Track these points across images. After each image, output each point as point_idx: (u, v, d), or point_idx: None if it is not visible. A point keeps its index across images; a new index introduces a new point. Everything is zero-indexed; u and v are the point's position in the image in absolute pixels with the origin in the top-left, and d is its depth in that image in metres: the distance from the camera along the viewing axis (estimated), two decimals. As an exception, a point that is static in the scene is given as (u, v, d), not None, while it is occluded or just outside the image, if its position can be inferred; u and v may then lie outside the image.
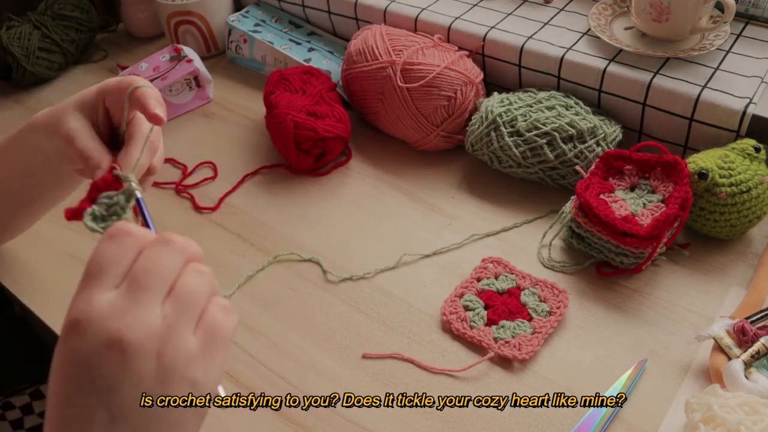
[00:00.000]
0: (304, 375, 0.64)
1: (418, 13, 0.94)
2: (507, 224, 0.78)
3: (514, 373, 0.63)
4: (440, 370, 0.63)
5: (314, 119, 0.83)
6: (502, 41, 0.87)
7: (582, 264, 0.72)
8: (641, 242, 0.66)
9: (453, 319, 0.67)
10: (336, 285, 0.72)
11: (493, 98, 0.82)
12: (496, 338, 0.65)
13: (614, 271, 0.70)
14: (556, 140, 0.76)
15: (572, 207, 0.71)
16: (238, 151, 0.92)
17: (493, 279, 0.71)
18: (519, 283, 0.70)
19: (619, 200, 0.71)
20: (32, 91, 1.08)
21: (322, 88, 0.88)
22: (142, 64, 1.00)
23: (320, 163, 0.87)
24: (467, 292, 0.69)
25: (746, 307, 0.64)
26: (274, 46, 1.03)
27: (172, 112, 1.00)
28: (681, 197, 0.66)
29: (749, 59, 0.80)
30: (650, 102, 0.78)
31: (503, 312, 0.67)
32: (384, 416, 0.60)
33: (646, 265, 0.69)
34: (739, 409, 0.51)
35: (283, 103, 0.84)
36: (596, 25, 0.86)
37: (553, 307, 0.67)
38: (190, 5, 1.06)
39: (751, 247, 0.73)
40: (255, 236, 0.79)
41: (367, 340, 0.66)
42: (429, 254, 0.75)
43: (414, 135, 0.86)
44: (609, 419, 0.58)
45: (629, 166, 0.73)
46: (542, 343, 0.64)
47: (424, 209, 0.81)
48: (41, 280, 0.75)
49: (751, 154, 0.69)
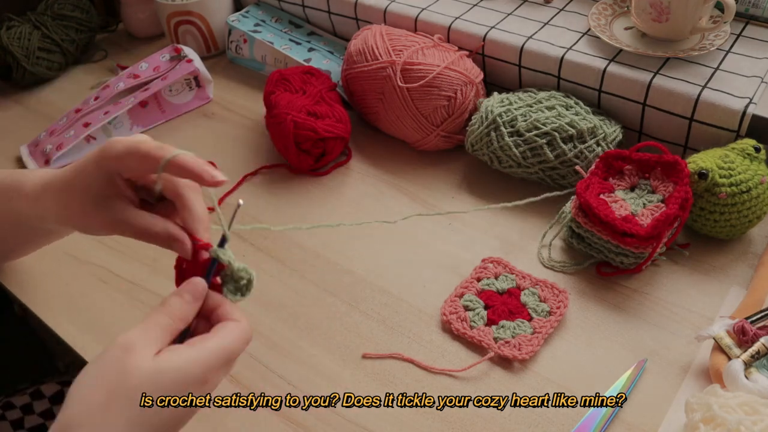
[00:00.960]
0: (304, 375, 0.64)
1: (418, 13, 0.94)
2: (507, 224, 0.78)
3: (514, 373, 0.63)
4: (440, 370, 0.63)
5: (314, 119, 0.83)
6: (502, 41, 0.87)
7: (582, 264, 0.72)
8: (641, 242, 0.66)
9: (453, 319, 0.67)
10: (336, 285, 0.72)
11: (493, 98, 0.82)
12: (496, 338, 0.65)
13: (614, 271, 0.70)
14: (556, 140, 0.76)
15: (572, 207, 0.71)
16: (238, 151, 0.92)
17: (493, 279, 0.71)
18: (519, 283, 0.70)
19: (619, 200, 0.71)
20: (32, 91, 1.08)
21: (322, 88, 0.88)
22: (142, 64, 1.00)
23: (320, 163, 0.87)
24: (467, 292, 0.69)
25: (746, 307, 0.64)
26: (274, 46, 1.03)
27: (171, 112, 1.00)
28: (681, 197, 0.66)
29: (749, 59, 0.80)
30: (650, 102, 0.78)
31: (503, 312, 0.67)
32: (384, 416, 0.60)
33: (646, 265, 0.69)
34: (739, 409, 0.51)
35: (283, 103, 0.84)
36: (596, 25, 0.86)
37: (553, 307, 0.67)
38: (190, 5, 1.06)
39: (751, 247, 0.73)
40: (255, 236, 0.79)
41: (367, 340, 0.66)
42: (429, 254, 0.75)
43: (414, 135, 0.86)
44: (609, 419, 0.58)
45: (629, 166, 0.73)
46: (542, 343, 0.64)
47: (424, 209, 0.81)
48: (41, 280, 0.75)
49: (751, 154, 0.69)
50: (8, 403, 0.84)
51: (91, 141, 0.93)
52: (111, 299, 0.72)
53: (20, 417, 0.83)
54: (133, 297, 0.72)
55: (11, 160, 0.94)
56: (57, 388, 0.86)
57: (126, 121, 0.96)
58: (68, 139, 0.91)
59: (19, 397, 0.85)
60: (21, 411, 0.84)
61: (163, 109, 0.99)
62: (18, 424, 0.82)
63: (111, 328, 0.69)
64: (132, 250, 0.77)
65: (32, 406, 0.84)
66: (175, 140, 0.95)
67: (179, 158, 0.49)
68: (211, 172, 0.49)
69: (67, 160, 0.92)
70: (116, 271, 0.75)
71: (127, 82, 0.98)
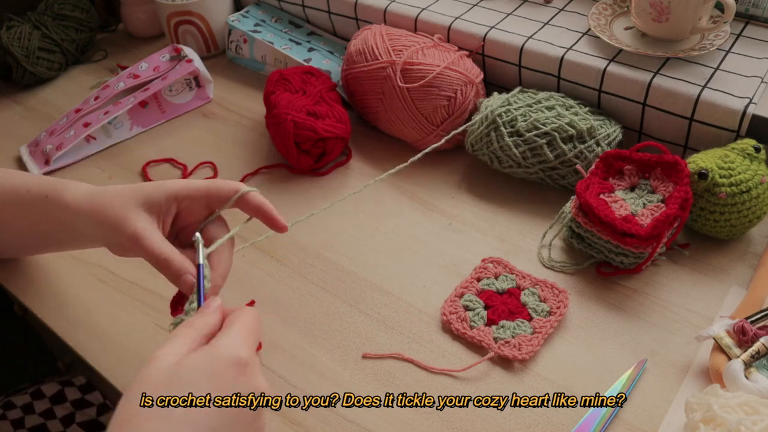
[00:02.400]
0: (304, 375, 0.64)
1: (418, 13, 0.94)
2: (507, 224, 0.78)
3: (514, 373, 0.63)
4: (440, 370, 0.63)
5: (314, 119, 0.83)
6: (502, 41, 0.87)
7: (582, 264, 0.72)
8: (641, 242, 0.66)
9: (453, 319, 0.67)
10: (336, 285, 0.72)
11: (493, 98, 0.82)
12: (496, 338, 0.65)
13: (614, 271, 0.70)
14: (556, 140, 0.76)
15: (572, 207, 0.71)
16: (238, 151, 0.92)
17: (493, 279, 0.71)
18: (519, 283, 0.70)
19: (619, 200, 0.71)
20: (32, 91, 1.08)
21: (322, 88, 0.88)
22: (142, 64, 1.00)
23: (320, 163, 0.87)
24: (467, 292, 0.69)
25: (746, 307, 0.64)
26: (274, 46, 1.03)
27: (172, 112, 1.00)
28: (681, 197, 0.66)
29: (749, 59, 0.80)
30: (650, 102, 0.78)
31: (503, 312, 0.67)
32: (384, 416, 0.60)
33: (646, 265, 0.69)
34: (739, 409, 0.51)
35: (283, 103, 0.84)
36: (596, 25, 0.86)
37: (553, 307, 0.67)
38: (190, 5, 1.06)
39: (751, 247, 0.73)
40: (255, 236, 0.78)
41: (367, 340, 0.66)
42: (429, 254, 0.75)
43: (414, 135, 0.86)
44: (609, 419, 0.58)
45: (629, 166, 0.73)
46: (542, 343, 0.64)
47: (424, 209, 0.81)
48: (41, 280, 0.75)
49: (751, 154, 0.69)
50: (9, 402, 0.84)
51: (91, 141, 0.93)
52: (111, 299, 0.72)
53: (21, 416, 0.83)
54: (133, 297, 0.72)
55: (11, 160, 0.94)
56: (57, 388, 0.86)
57: (126, 121, 0.96)
58: (68, 139, 0.91)
59: (19, 397, 0.85)
60: (21, 410, 0.84)
61: (163, 109, 0.99)
62: (18, 424, 0.82)
63: (111, 328, 0.69)
64: (132, 250, 0.78)
65: (33, 405, 0.84)
66: (175, 140, 0.95)
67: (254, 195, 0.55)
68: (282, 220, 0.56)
69: (67, 161, 0.92)
70: (116, 271, 0.75)
71: (127, 82, 0.98)
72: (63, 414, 0.83)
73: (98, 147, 0.94)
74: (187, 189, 0.55)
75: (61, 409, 0.84)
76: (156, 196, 0.55)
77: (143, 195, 0.55)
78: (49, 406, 0.84)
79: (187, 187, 0.55)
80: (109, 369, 0.65)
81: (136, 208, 0.54)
